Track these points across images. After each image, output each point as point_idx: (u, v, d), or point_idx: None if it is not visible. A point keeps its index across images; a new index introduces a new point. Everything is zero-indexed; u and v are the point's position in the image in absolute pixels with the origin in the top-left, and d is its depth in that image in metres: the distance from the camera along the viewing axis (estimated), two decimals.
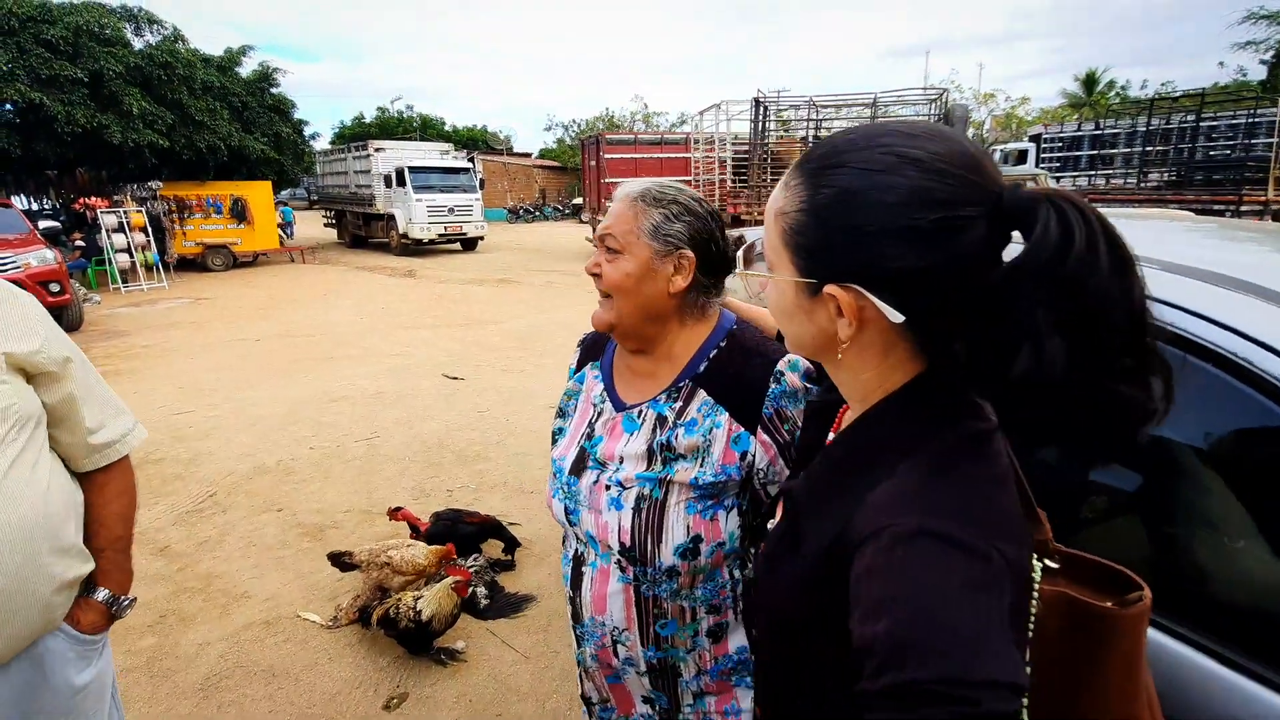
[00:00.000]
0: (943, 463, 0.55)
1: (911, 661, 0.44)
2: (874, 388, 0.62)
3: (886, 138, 0.55)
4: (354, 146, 19.80)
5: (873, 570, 0.50)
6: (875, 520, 0.52)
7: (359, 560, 2.70)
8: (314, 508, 3.61)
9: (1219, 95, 16.97)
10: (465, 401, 5.42)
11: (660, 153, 15.80)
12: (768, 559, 0.66)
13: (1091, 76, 33.63)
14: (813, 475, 0.64)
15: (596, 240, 1.01)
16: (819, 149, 0.60)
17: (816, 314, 0.60)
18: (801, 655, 0.62)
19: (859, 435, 0.62)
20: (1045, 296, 0.48)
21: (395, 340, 7.81)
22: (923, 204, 0.52)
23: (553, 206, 34.01)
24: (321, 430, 4.78)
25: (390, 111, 40.31)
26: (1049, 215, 0.50)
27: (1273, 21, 18.31)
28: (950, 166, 0.53)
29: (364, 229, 19.55)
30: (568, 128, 41.34)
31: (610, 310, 0.98)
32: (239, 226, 14.87)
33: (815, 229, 0.57)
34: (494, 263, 15.79)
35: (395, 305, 10.29)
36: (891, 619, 0.46)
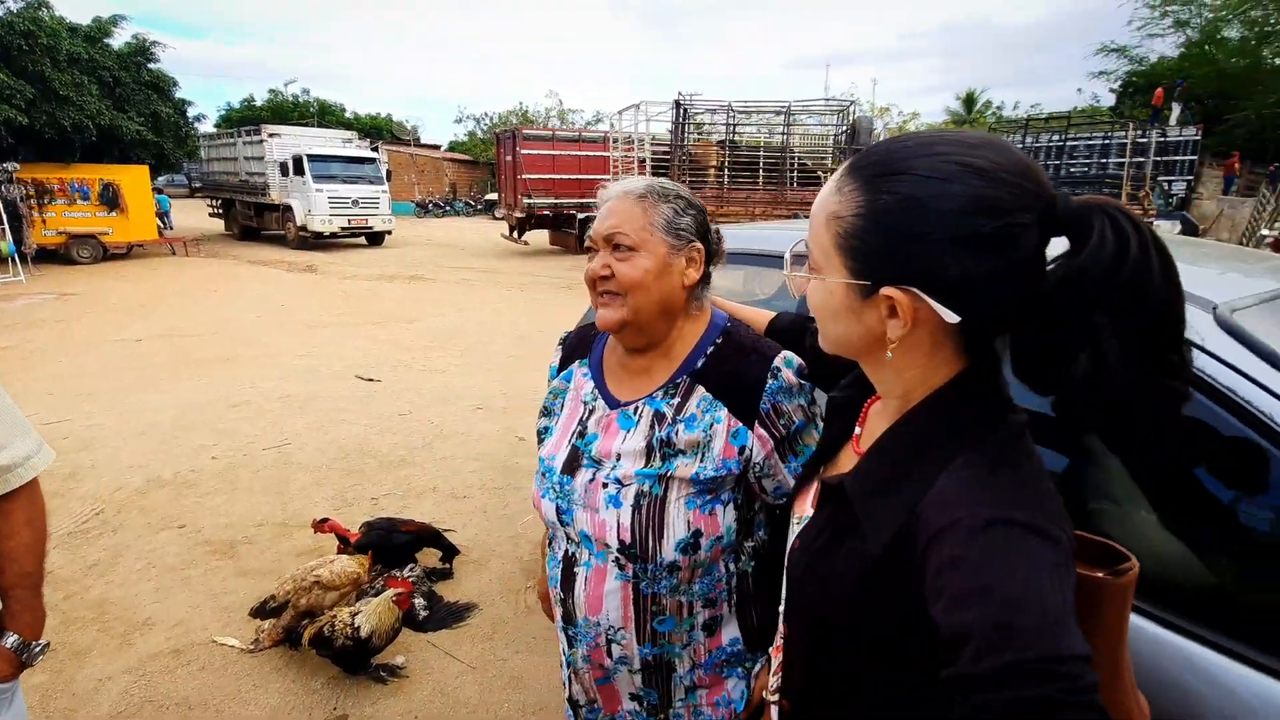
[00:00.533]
0: (1001, 454, 0.58)
1: (1015, 643, 0.46)
2: (917, 384, 0.64)
3: (945, 146, 0.57)
4: (245, 131, 18.31)
5: (957, 560, 0.51)
6: (949, 513, 0.54)
7: (285, 596, 2.46)
8: (221, 522, 3.32)
9: (1080, 118, 18.97)
10: (384, 404, 5.17)
11: (578, 150, 15.68)
12: (810, 553, 0.67)
13: (971, 96, 36.67)
14: (866, 469, 0.65)
15: (597, 243, 0.99)
16: (873, 155, 0.61)
17: (866, 315, 0.62)
18: (845, 647, 0.64)
19: (912, 429, 0.64)
20: (1103, 301, 0.51)
21: (300, 340, 7.32)
22: (985, 211, 0.54)
23: (464, 201, 32.97)
24: (223, 438, 4.41)
25: (284, 95, 37.69)
26: (1104, 224, 0.53)
27: (1121, 55, 20.70)
28: (1010, 175, 0.55)
29: (256, 220, 18.15)
30: (479, 121, 40.26)
31: (621, 309, 0.97)
32: (110, 215, 13.44)
33: (874, 233, 0.58)
34: (404, 258, 15.12)
35: (297, 302, 9.64)
36: (986, 605, 0.48)
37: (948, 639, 0.50)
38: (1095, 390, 0.53)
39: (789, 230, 2.16)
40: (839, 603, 0.63)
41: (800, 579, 0.69)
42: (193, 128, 18.76)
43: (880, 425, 0.72)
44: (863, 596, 0.61)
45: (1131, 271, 0.51)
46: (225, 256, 15.09)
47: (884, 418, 0.70)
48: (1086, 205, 0.55)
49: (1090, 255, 0.52)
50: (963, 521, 0.53)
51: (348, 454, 4.19)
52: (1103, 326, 0.51)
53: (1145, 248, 0.52)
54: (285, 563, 2.96)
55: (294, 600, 2.41)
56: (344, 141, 18.39)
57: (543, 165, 15.22)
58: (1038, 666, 0.45)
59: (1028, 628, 0.47)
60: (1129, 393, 0.52)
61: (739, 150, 11.92)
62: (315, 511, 3.41)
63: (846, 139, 11.41)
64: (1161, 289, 0.51)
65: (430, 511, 3.42)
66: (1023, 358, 0.60)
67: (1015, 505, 0.53)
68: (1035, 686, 0.45)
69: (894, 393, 0.67)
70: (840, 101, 11.93)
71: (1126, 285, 0.51)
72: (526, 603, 2.71)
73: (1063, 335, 0.54)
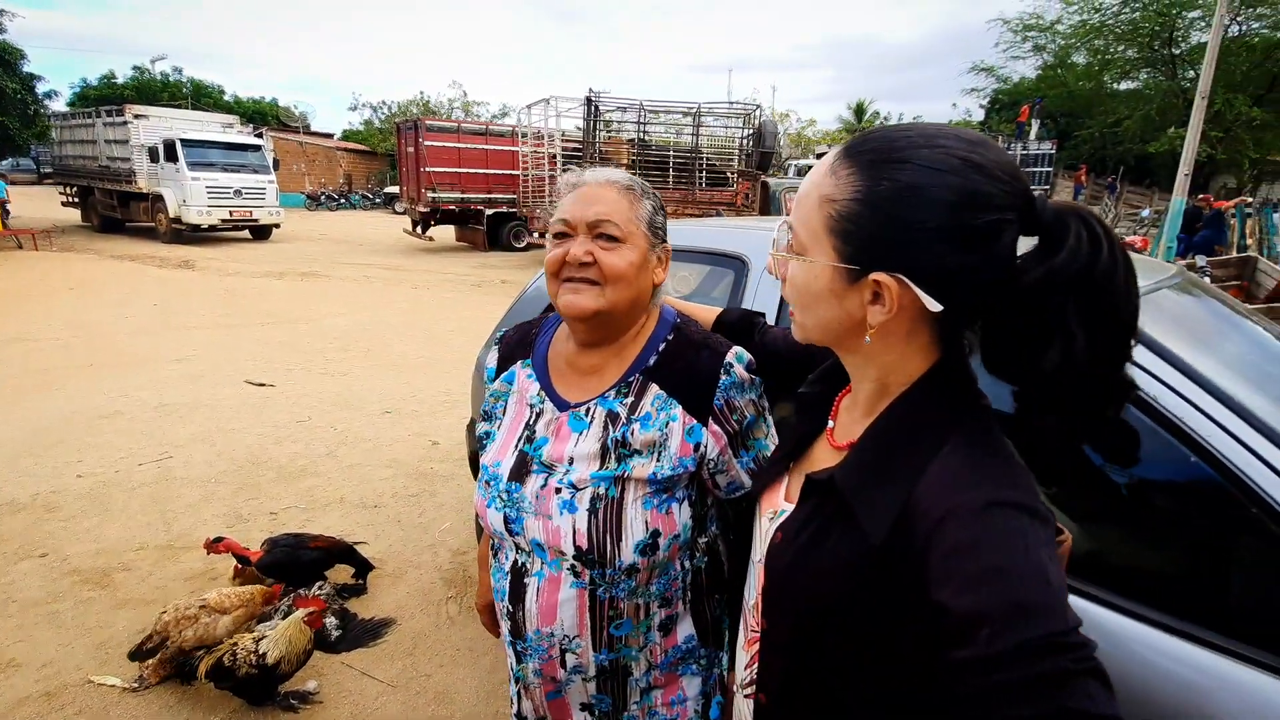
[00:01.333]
0: (983, 439, 0.61)
1: (1031, 620, 0.49)
2: (891, 370, 0.66)
3: (947, 140, 0.59)
4: (106, 111, 16.40)
5: (963, 544, 0.54)
6: (948, 499, 0.56)
7: (164, 631, 2.18)
8: (92, 549, 2.96)
9: None
10: (279, 410, 4.81)
11: (485, 144, 15.25)
12: (796, 546, 0.67)
13: (860, 106, 39.04)
14: (856, 461, 0.66)
15: (575, 228, 0.95)
16: (871, 141, 0.62)
17: (848, 299, 0.63)
18: (834, 637, 0.64)
19: (898, 419, 0.65)
20: (1076, 297, 0.56)
21: (177, 343, 6.67)
22: (978, 206, 0.56)
23: (361, 194, 31.27)
24: (91, 454, 3.94)
25: (152, 73, 34.16)
26: (1080, 228, 0.57)
27: (989, 74, 22.68)
28: (1003, 173, 0.58)
29: (120, 210, 16.36)
30: (376, 109, 38.30)
31: (599, 298, 0.94)
32: None
33: (869, 218, 0.59)
34: (295, 254, 14.13)
35: (172, 302, 8.77)
36: (998, 585, 0.51)
37: (960, 622, 0.52)
38: (1063, 378, 0.57)
39: (706, 228, 2.20)
40: (831, 594, 0.63)
41: (785, 572, 0.68)
42: (43, 106, 16.65)
43: (852, 418, 0.73)
44: (858, 586, 0.62)
45: (1101, 272, 0.56)
46: (84, 251, 13.49)
47: (857, 409, 0.72)
48: (1064, 209, 0.59)
49: (1068, 256, 0.56)
50: (963, 506, 0.55)
51: (240, 466, 3.86)
52: (1073, 321, 0.56)
53: (1113, 251, 0.56)
54: (171, 589, 2.69)
55: (174, 636, 2.15)
56: (224, 126, 16.90)
57: (448, 158, 14.69)
58: (1051, 641, 0.49)
59: (1039, 605, 0.50)
60: (1091, 381, 0.57)
61: (649, 149, 12.04)
62: (204, 531, 3.11)
63: (752, 142, 11.80)
64: (1124, 288, 0.56)
65: (338, 524, 3.22)
66: (994, 350, 0.63)
67: (1008, 487, 0.56)
68: (1052, 660, 0.48)
69: (867, 379, 0.69)
70: (746, 105, 12.30)
71: (1096, 284, 0.56)
72: (448, 614, 2.61)
73: (1036, 328, 0.57)
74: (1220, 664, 0.96)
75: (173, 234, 14.80)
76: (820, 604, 0.65)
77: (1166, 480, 1.16)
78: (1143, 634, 1.01)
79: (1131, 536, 1.23)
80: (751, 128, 11.82)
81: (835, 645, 0.65)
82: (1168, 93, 18.21)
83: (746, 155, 11.91)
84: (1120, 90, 20.13)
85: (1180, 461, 1.07)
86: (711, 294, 2.21)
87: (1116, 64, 19.04)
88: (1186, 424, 1.05)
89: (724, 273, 1.97)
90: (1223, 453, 1.02)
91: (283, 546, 2.62)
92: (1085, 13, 17.79)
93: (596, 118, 11.32)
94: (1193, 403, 1.06)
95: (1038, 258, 0.58)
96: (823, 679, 0.67)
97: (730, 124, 12.28)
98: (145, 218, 15.58)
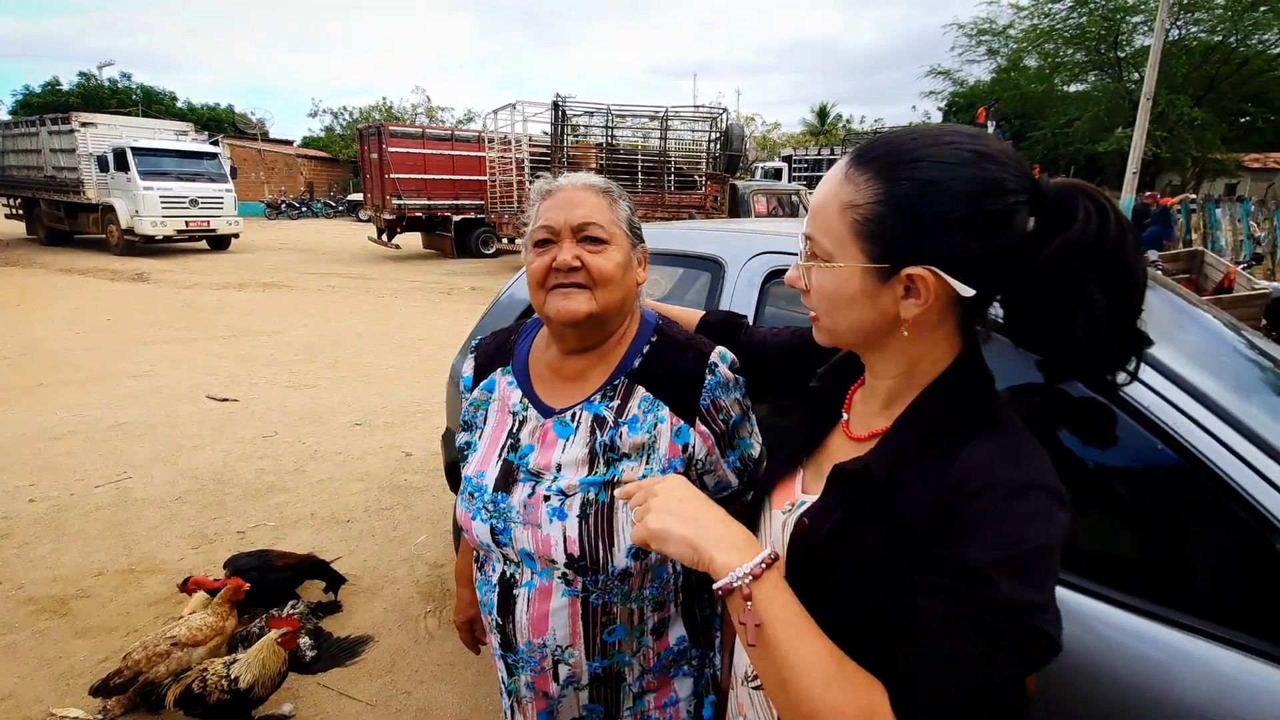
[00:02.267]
0: (1008, 424, 0.65)
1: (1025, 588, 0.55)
2: (920, 359, 0.69)
3: (953, 136, 0.63)
4: (51, 119, 15.76)
5: (990, 514, 0.58)
6: (983, 476, 0.60)
7: (135, 668, 2.07)
8: (48, 575, 2.83)
9: None
10: (244, 426, 4.67)
11: (451, 149, 15.06)
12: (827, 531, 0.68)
13: (824, 109, 39.72)
14: (889, 451, 0.68)
15: (559, 233, 0.94)
16: (879, 147, 0.65)
17: (881, 297, 0.66)
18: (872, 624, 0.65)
19: (930, 408, 0.68)
20: (1093, 266, 0.60)
21: (133, 358, 6.43)
22: (995, 193, 0.60)
23: (324, 202, 30.64)
24: (43, 476, 3.77)
25: (99, 79, 32.99)
26: (1087, 203, 0.61)
27: (946, 77, 23.29)
28: (1009, 159, 0.62)
29: (68, 222, 15.76)
30: (338, 116, 37.61)
31: (589, 301, 0.93)
32: None
33: (895, 218, 0.62)
34: (256, 264, 13.77)
35: (126, 316, 8.46)
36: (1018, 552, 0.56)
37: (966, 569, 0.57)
38: (1091, 340, 0.62)
39: (680, 231, 2.21)
40: (869, 581, 0.65)
41: (815, 556, 0.69)
42: None
43: (868, 409, 0.75)
44: (893, 570, 0.63)
45: (1112, 238, 0.61)
46: (29, 265, 12.94)
47: (875, 401, 0.74)
48: (1068, 187, 0.63)
49: (1080, 229, 0.61)
50: (1002, 482, 0.59)
51: (204, 484, 3.74)
52: (1092, 288, 0.61)
53: (1119, 219, 0.61)
54: (135, 615, 2.58)
55: (149, 671, 2.05)
56: (178, 134, 16.39)
57: (413, 165, 14.49)
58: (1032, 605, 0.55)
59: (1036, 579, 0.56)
60: (1112, 338, 0.63)
61: (617, 153, 12.04)
62: (167, 553, 3.01)
63: (720, 145, 11.89)
64: (1133, 253, 0.61)
65: (310, 540, 3.14)
66: (1023, 324, 0.67)
67: (1041, 471, 0.60)
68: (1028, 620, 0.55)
69: (891, 373, 0.71)
70: (712, 109, 12.40)
71: (1109, 250, 0.61)
72: (427, 629, 2.56)
73: (1061, 298, 0.62)
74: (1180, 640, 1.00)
75: (125, 246, 14.28)
76: (852, 590, 0.66)
77: (1132, 465, 1.20)
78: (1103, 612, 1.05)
79: (1098, 519, 1.27)
80: (718, 131, 11.92)
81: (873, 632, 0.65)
82: (1115, 94, 18.94)
83: (714, 158, 12.00)
84: (1070, 92, 20.85)
85: (1146, 448, 1.10)
86: (686, 297, 2.22)
87: (1066, 67, 19.72)
88: (1151, 411, 1.09)
89: (699, 275, 1.98)
90: (1182, 436, 1.06)
91: (249, 569, 2.52)
92: (1035, 18, 18.42)
93: (564, 122, 11.29)
94: (1155, 390, 1.10)
95: (1050, 233, 0.62)
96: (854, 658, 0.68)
97: (697, 128, 12.35)
98: (95, 229, 15.01)
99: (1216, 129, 18.04)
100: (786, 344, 1.05)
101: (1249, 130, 20.23)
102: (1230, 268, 5.46)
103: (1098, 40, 18.03)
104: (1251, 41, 16.67)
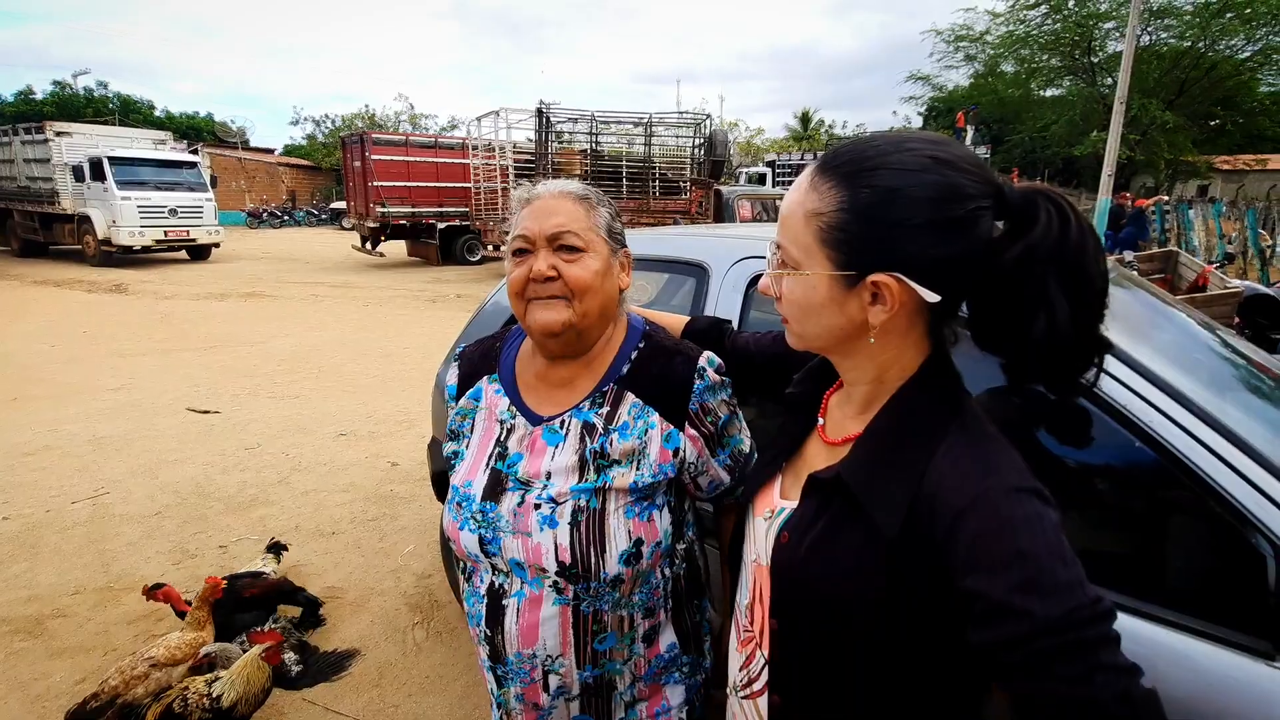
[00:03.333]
0: (979, 426, 0.65)
1: (1056, 597, 0.53)
2: (890, 365, 0.69)
3: (914, 143, 0.63)
4: (24, 129, 15.51)
5: (988, 532, 0.56)
6: (968, 488, 0.59)
7: (112, 692, 2.00)
8: (22, 595, 2.77)
9: None
10: (226, 438, 4.60)
11: (435, 157, 14.99)
12: (808, 545, 0.68)
13: (806, 115, 40.10)
14: (861, 457, 0.67)
15: (535, 243, 0.93)
16: (843, 155, 0.65)
17: (849, 304, 0.66)
18: (854, 631, 0.65)
19: (900, 413, 0.68)
20: (1054, 267, 0.60)
21: (111, 371, 6.32)
22: (956, 198, 0.60)
23: (307, 210, 30.36)
24: (18, 493, 3.69)
25: (74, 88, 32.49)
26: (1049, 207, 0.61)
27: (925, 83, 23.62)
28: (970, 165, 0.62)
29: (42, 233, 15.50)
30: (320, 123, 37.35)
31: (567, 310, 0.92)
32: None
33: (858, 225, 0.62)
34: (237, 274, 13.61)
35: (104, 328, 8.32)
36: (1025, 569, 0.54)
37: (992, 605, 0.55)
38: (1050, 343, 0.61)
39: (665, 236, 2.21)
40: (851, 590, 0.65)
41: (799, 571, 0.69)
42: None
43: (845, 414, 0.75)
44: (877, 580, 0.63)
45: (1074, 242, 0.60)
46: (3, 277, 12.70)
47: (851, 406, 0.74)
48: (1029, 191, 0.63)
49: (1041, 233, 0.61)
50: (985, 495, 0.58)
51: (185, 499, 3.67)
52: (1053, 289, 0.60)
53: (1080, 222, 0.61)
54: (114, 634, 2.53)
55: (126, 694, 2.00)
56: (156, 143, 16.18)
57: (397, 172, 14.41)
58: (1075, 615, 0.53)
59: (1062, 583, 0.54)
60: (1073, 343, 0.62)
61: (602, 160, 12.07)
62: (146, 570, 2.95)
63: (704, 151, 11.96)
64: (1094, 255, 0.61)
65: (294, 554, 3.09)
66: (984, 327, 0.67)
67: (1017, 472, 0.60)
68: (1075, 632, 0.53)
69: (864, 379, 0.71)
70: (696, 115, 12.47)
71: (1070, 254, 0.60)
72: (415, 641, 2.53)
73: (1021, 301, 0.62)
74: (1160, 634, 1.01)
75: (103, 256, 14.06)
76: (840, 602, 0.66)
77: (1110, 462, 1.22)
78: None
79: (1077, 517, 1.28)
80: (702, 137, 11.98)
81: (856, 640, 0.66)
82: (1089, 99, 19.29)
83: (698, 164, 12.06)
84: (1046, 97, 21.21)
85: (1124, 445, 1.12)
86: (672, 302, 2.22)
87: (1042, 72, 20.06)
88: (1126, 408, 1.10)
89: (685, 280, 1.98)
90: (1160, 433, 1.07)
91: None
92: (1011, 24, 18.73)
93: (548, 129, 11.30)
94: (1130, 388, 1.12)
95: (1014, 237, 0.62)
96: (845, 675, 0.68)
97: (681, 133, 12.42)
98: (72, 240, 14.76)
99: (1188, 132, 18.44)
100: (770, 348, 1.05)
101: (1219, 133, 20.71)
102: (1204, 267, 5.58)
103: (1072, 46, 18.37)
104: (1219, 47, 17.08)
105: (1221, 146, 21.70)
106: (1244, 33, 16.30)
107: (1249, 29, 16.09)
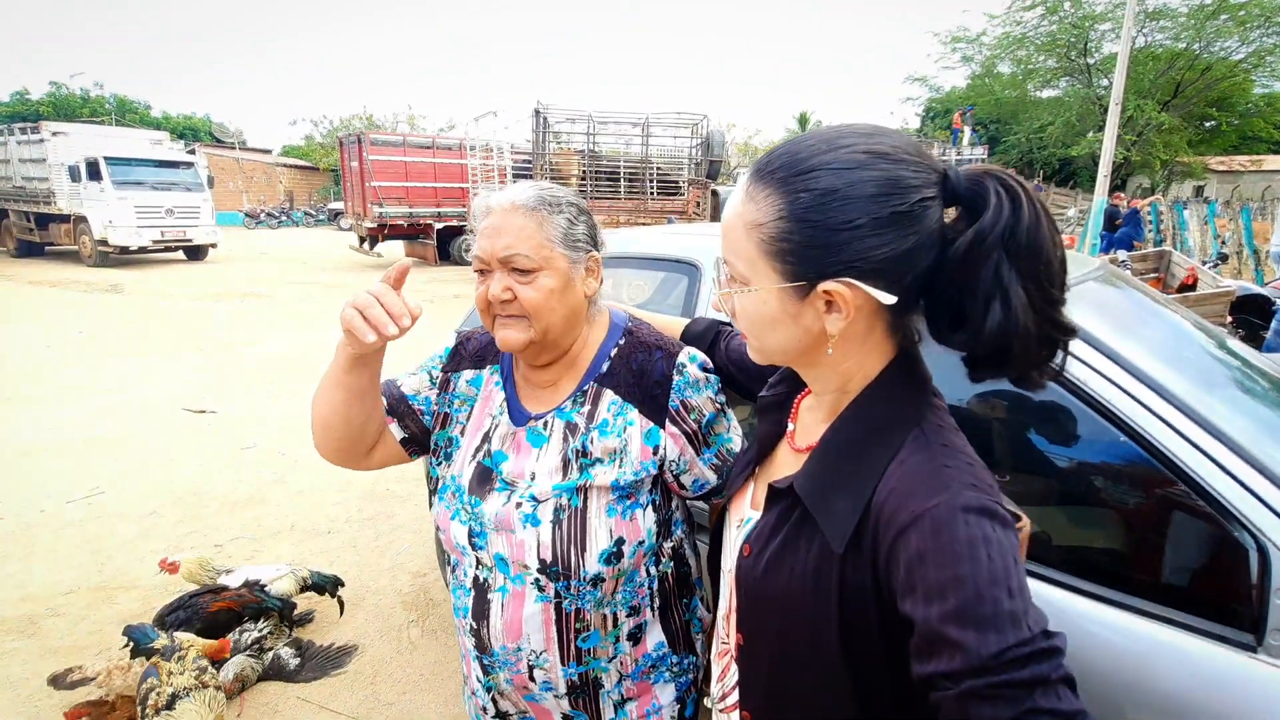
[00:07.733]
0: (940, 434, 0.61)
1: (993, 632, 0.48)
2: (853, 373, 0.65)
3: (848, 138, 0.59)
4: (19, 128, 15.47)
5: (925, 554, 0.52)
6: (912, 505, 0.55)
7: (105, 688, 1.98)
8: (15, 595, 2.76)
9: None
10: (222, 438, 4.59)
11: (433, 157, 14.98)
12: (766, 558, 0.66)
13: (804, 117, 40.15)
14: (815, 468, 0.64)
15: (490, 263, 0.92)
16: (776, 159, 0.61)
17: (803, 315, 0.62)
18: (812, 647, 0.63)
19: (854, 421, 0.64)
20: (1008, 256, 0.56)
21: (106, 372, 6.30)
22: (900, 191, 0.56)
23: (304, 211, 30.32)
24: (12, 492, 3.68)
25: (70, 89, 32.41)
26: (999, 189, 0.57)
27: (923, 84, 23.68)
28: (910, 155, 0.58)
29: (38, 233, 15.42)
30: (318, 124, 37.33)
31: (527, 330, 0.92)
32: None
33: (800, 232, 0.58)
34: (234, 274, 13.58)
35: (100, 329, 8.29)
36: (959, 598, 0.49)
37: (925, 634, 0.51)
38: (1008, 333, 0.56)
39: (657, 235, 2.22)
40: (807, 606, 0.62)
41: (758, 586, 0.67)
42: None
43: (813, 419, 0.73)
44: (827, 594, 0.60)
45: (1027, 225, 0.56)
46: (0, 277, 12.67)
47: (818, 411, 0.71)
48: (977, 174, 0.59)
49: (992, 217, 0.56)
50: (927, 514, 0.54)
51: (180, 498, 3.67)
52: (1007, 276, 0.56)
53: (1032, 204, 0.57)
54: (107, 634, 2.52)
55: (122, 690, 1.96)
56: (153, 143, 16.13)
57: (394, 173, 14.40)
58: (1034, 648, 0.48)
59: (999, 616, 0.49)
60: (1034, 331, 0.57)
61: (599, 160, 12.08)
62: (142, 569, 2.95)
63: (701, 151, 11.98)
64: (1049, 239, 0.57)
65: (289, 552, 3.09)
66: (939, 320, 0.63)
67: (968, 488, 0.56)
68: (1038, 664, 0.48)
69: (830, 386, 0.68)
70: (693, 115, 12.49)
71: (1023, 237, 0.56)
72: (410, 639, 2.53)
73: (975, 290, 0.57)
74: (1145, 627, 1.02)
75: (99, 257, 14.01)
76: (798, 618, 0.63)
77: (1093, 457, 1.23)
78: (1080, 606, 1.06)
79: (1066, 513, 1.29)
80: (699, 137, 12.00)
81: (817, 658, 0.63)
82: (1085, 100, 19.36)
83: (695, 164, 12.08)
84: (1043, 98, 21.29)
85: (1108, 440, 1.13)
86: (666, 301, 2.23)
87: (1038, 73, 20.13)
88: (1114, 406, 1.11)
89: (678, 279, 1.99)
90: (1147, 431, 1.08)
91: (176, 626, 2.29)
92: (1008, 25, 18.80)
93: (545, 129, 11.31)
94: (1119, 385, 1.13)
95: (964, 223, 0.58)
96: (806, 693, 0.65)
97: (678, 134, 12.45)
98: (67, 240, 14.72)
99: (1183, 133, 18.54)
100: None
101: (1214, 134, 20.82)
102: (1190, 266, 5.58)
103: (1068, 47, 18.45)
104: (1214, 49, 17.18)
105: (1216, 147, 21.81)
106: (1238, 35, 16.40)
107: (1243, 31, 16.19)
